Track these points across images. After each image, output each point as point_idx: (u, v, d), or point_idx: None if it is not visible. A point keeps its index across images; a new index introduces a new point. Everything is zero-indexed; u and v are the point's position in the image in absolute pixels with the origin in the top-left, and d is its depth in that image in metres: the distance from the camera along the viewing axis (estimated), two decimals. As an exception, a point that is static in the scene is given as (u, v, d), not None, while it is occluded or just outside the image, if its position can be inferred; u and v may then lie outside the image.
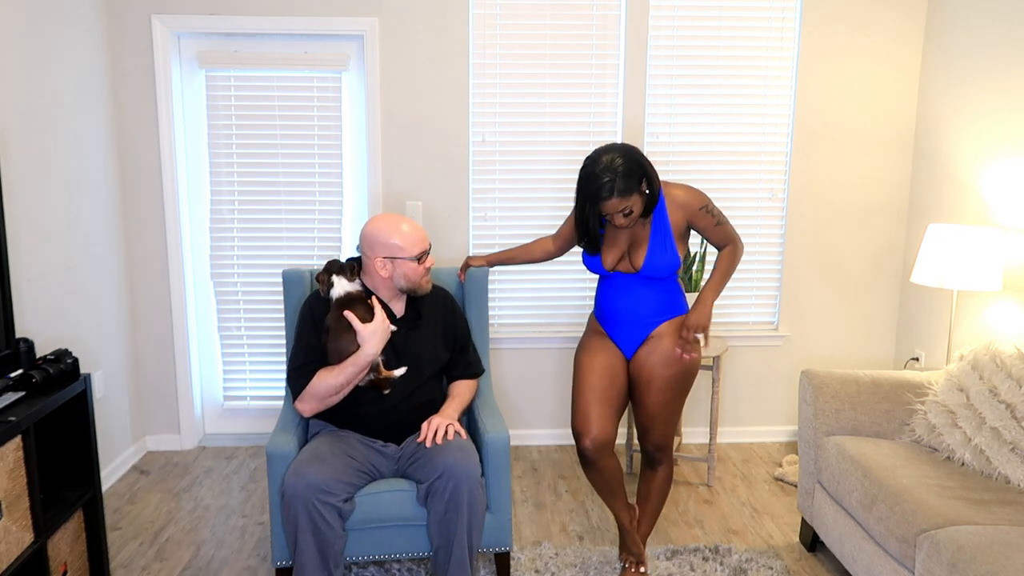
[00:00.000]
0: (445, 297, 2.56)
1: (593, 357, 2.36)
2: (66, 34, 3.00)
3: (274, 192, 3.58)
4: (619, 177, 2.11)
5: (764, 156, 3.64)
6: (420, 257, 2.35)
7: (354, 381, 2.29)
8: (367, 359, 2.26)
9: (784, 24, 3.55)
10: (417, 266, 2.35)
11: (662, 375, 2.31)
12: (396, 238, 2.33)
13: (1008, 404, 2.31)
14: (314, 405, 2.32)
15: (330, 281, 2.34)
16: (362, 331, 2.25)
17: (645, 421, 2.38)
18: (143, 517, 3.00)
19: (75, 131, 3.06)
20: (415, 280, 2.37)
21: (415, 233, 2.36)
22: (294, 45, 3.48)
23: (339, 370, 2.26)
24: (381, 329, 2.28)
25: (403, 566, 2.57)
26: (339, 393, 2.30)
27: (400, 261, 2.34)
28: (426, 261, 2.38)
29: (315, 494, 2.10)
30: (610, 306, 2.35)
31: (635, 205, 2.16)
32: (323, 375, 2.28)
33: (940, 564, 1.88)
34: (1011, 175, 2.96)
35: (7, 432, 1.96)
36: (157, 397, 3.64)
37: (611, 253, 2.31)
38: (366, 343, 2.25)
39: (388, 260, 2.34)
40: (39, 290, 2.75)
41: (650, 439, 2.40)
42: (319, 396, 2.30)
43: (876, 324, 3.79)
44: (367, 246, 2.37)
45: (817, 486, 2.63)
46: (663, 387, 2.32)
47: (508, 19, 3.48)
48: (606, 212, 2.17)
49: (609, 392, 2.32)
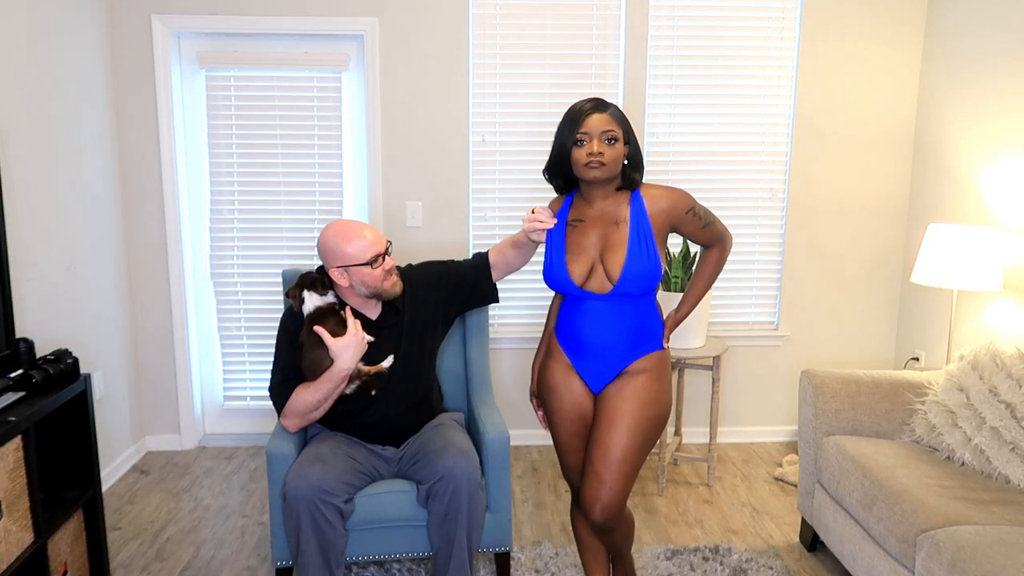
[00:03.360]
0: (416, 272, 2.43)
1: (563, 403, 2.05)
2: (66, 34, 3.00)
3: (274, 192, 3.58)
4: (607, 104, 1.94)
5: (764, 156, 3.64)
6: (373, 261, 2.21)
7: (333, 395, 2.23)
8: (341, 373, 2.19)
9: (784, 24, 3.55)
10: (372, 271, 2.20)
11: (633, 415, 1.95)
12: (345, 245, 2.19)
13: (1008, 404, 2.31)
14: (296, 421, 2.28)
15: (301, 296, 2.26)
16: (333, 346, 2.17)
17: (600, 469, 1.95)
18: (143, 517, 3.00)
19: (75, 131, 3.06)
20: (374, 285, 2.23)
21: (365, 237, 2.21)
22: (294, 45, 3.48)
23: (315, 386, 2.21)
24: (354, 343, 2.19)
25: (403, 566, 2.57)
26: (319, 408, 2.24)
27: (354, 269, 2.20)
28: (384, 263, 2.23)
29: (317, 494, 2.10)
30: (576, 336, 2.02)
31: (618, 137, 1.90)
32: (300, 392, 2.23)
33: (940, 564, 1.88)
34: (1011, 175, 2.96)
35: (7, 432, 1.96)
36: (157, 397, 3.64)
37: (580, 261, 1.97)
38: (339, 358, 2.17)
39: (343, 270, 2.22)
40: (39, 290, 2.75)
41: (600, 500, 1.96)
42: (299, 413, 2.25)
43: (876, 324, 3.79)
44: (323, 258, 2.26)
45: (817, 486, 2.63)
46: (633, 429, 1.95)
47: (508, 19, 3.48)
48: (586, 129, 1.88)
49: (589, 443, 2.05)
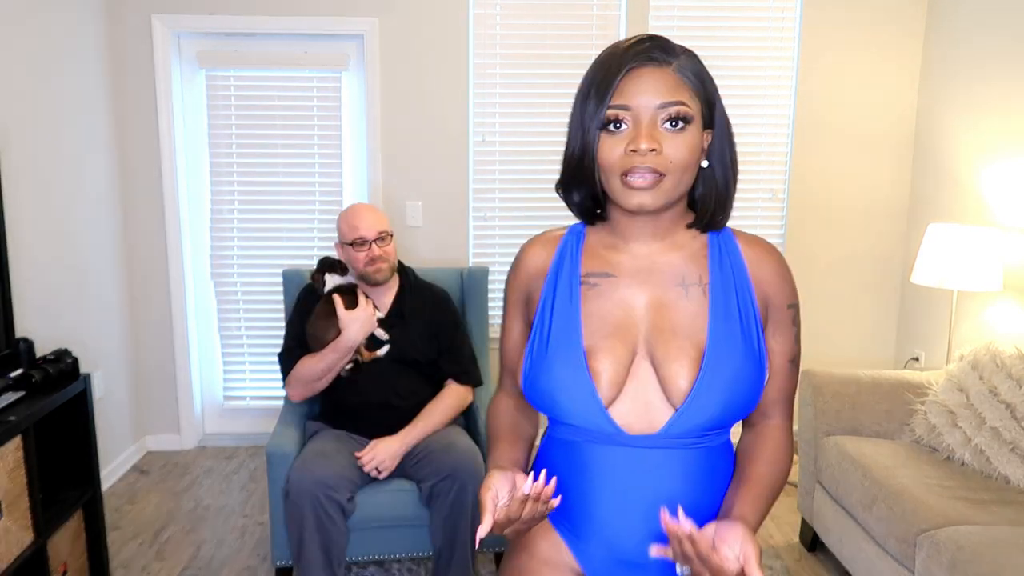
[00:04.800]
0: (437, 295, 2.53)
1: None
2: (66, 34, 3.00)
3: (274, 192, 3.58)
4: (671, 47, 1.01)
5: (764, 156, 3.64)
6: (355, 244, 2.34)
7: (336, 367, 2.33)
8: (348, 344, 2.30)
9: (784, 24, 3.54)
10: (355, 252, 2.35)
11: None
12: (342, 223, 2.40)
13: (1008, 404, 2.31)
14: (300, 390, 2.39)
15: (323, 279, 2.43)
16: (344, 316, 2.30)
17: None
18: (143, 517, 3.00)
19: (75, 131, 3.06)
20: (357, 266, 2.37)
21: (358, 221, 2.36)
22: (294, 45, 3.48)
23: (320, 356, 2.32)
24: (363, 317, 2.31)
25: (403, 566, 2.57)
26: (323, 379, 2.35)
27: (344, 246, 2.39)
28: (367, 250, 2.34)
29: (321, 490, 2.11)
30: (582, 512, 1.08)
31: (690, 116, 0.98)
32: (306, 360, 2.35)
33: (940, 564, 1.88)
34: (1011, 175, 2.96)
35: (7, 432, 1.96)
36: (157, 397, 3.64)
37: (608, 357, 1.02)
38: (347, 328, 2.29)
39: (339, 245, 2.42)
40: (39, 290, 2.75)
41: None
42: (303, 380, 2.36)
43: (876, 324, 3.78)
44: None
45: (817, 486, 2.63)
46: None
47: (508, 19, 3.48)
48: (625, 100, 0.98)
49: None
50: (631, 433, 1.01)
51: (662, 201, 0.99)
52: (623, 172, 0.98)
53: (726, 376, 0.99)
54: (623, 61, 0.98)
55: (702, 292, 1.04)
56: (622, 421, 1.01)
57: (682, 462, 1.02)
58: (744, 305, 1.04)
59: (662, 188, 0.98)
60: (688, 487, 1.03)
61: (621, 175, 0.99)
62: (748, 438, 1.13)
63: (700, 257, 1.06)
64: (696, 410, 0.99)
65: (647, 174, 0.97)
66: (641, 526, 1.03)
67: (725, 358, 1.00)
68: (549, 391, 1.03)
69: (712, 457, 1.05)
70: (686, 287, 1.04)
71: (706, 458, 1.04)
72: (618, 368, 1.01)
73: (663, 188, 0.98)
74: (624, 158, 0.98)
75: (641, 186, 0.97)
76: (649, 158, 0.96)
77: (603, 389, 1.01)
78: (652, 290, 1.04)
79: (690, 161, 0.99)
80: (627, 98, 0.97)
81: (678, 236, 1.07)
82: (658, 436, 1.01)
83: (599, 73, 1.00)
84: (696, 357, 1.00)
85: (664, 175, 0.97)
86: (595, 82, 1.00)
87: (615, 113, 0.98)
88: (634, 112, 0.97)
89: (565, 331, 1.04)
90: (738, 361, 1.01)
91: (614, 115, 0.98)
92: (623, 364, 1.02)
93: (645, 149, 0.96)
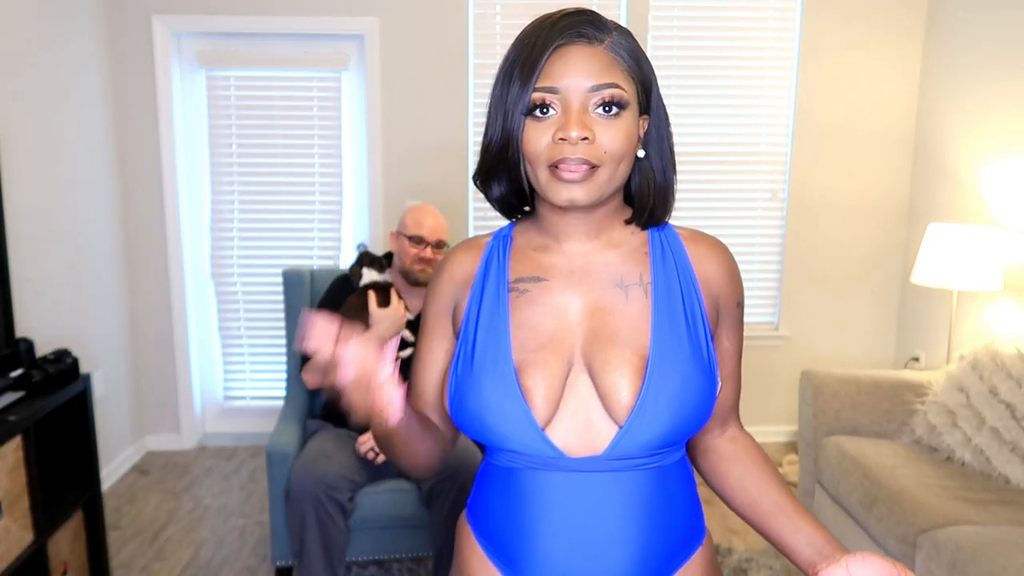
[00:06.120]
0: None
1: None
2: (66, 34, 3.00)
3: (274, 192, 3.58)
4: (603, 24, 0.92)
5: (764, 156, 3.64)
6: (412, 239, 2.41)
7: None
8: None
9: (784, 24, 3.54)
10: (408, 246, 2.41)
11: None
12: (407, 215, 2.46)
13: (1008, 404, 2.31)
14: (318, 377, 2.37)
15: (360, 273, 2.48)
16: (375, 313, 2.33)
17: None
18: (143, 517, 3.00)
19: (75, 131, 3.06)
20: (405, 260, 2.43)
21: (424, 218, 2.44)
22: (294, 45, 3.48)
23: None
24: (393, 316, 2.33)
25: (403, 566, 2.57)
26: None
27: (401, 237, 2.44)
28: (421, 249, 2.41)
29: (323, 489, 2.11)
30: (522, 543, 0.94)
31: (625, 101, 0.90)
32: None
33: (940, 564, 1.88)
34: (1011, 175, 2.96)
35: (7, 432, 1.96)
36: (157, 397, 3.64)
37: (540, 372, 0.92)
38: (377, 325, 2.31)
39: (396, 235, 2.48)
40: (39, 290, 2.75)
41: None
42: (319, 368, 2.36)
43: (876, 324, 3.78)
44: None
45: (817, 486, 2.63)
46: None
47: (508, 19, 3.48)
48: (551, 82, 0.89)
49: None
50: (572, 456, 0.90)
51: (596, 195, 0.90)
52: (551, 163, 0.88)
53: (673, 386, 0.89)
54: (549, 38, 0.88)
55: (643, 293, 0.94)
56: (562, 443, 0.90)
57: (632, 486, 0.90)
58: (690, 306, 0.94)
59: (595, 181, 0.89)
60: (640, 514, 0.91)
61: (549, 166, 0.89)
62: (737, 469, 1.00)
63: (640, 255, 0.97)
64: (642, 426, 0.88)
65: (578, 165, 0.87)
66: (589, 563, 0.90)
67: (671, 366, 0.90)
68: (478, 413, 0.91)
69: (666, 478, 0.93)
70: (625, 288, 0.94)
71: (659, 480, 0.92)
72: (553, 383, 0.91)
73: (596, 181, 0.89)
74: (552, 147, 0.88)
75: (572, 179, 0.88)
76: (580, 147, 0.87)
77: (537, 408, 0.90)
78: (588, 293, 0.95)
79: (626, 150, 0.90)
80: (554, 79, 0.88)
81: (615, 233, 0.98)
82: (602, 458, 0.89)
83: (523, 51, 0.90)
84: (639, 366, 0.90)
85: (597, 166, 0.88)
86: (518, 61, 0.90)
87: (541, 96, 0.88)
88: (563, 95, 0.88)
89: (492, 345, 0.93)
90: (686, 369, 0.90)
91: (540, 99, 0.88)
92: (558, 379, 0.91)
93: (576, 137, 0.87)
